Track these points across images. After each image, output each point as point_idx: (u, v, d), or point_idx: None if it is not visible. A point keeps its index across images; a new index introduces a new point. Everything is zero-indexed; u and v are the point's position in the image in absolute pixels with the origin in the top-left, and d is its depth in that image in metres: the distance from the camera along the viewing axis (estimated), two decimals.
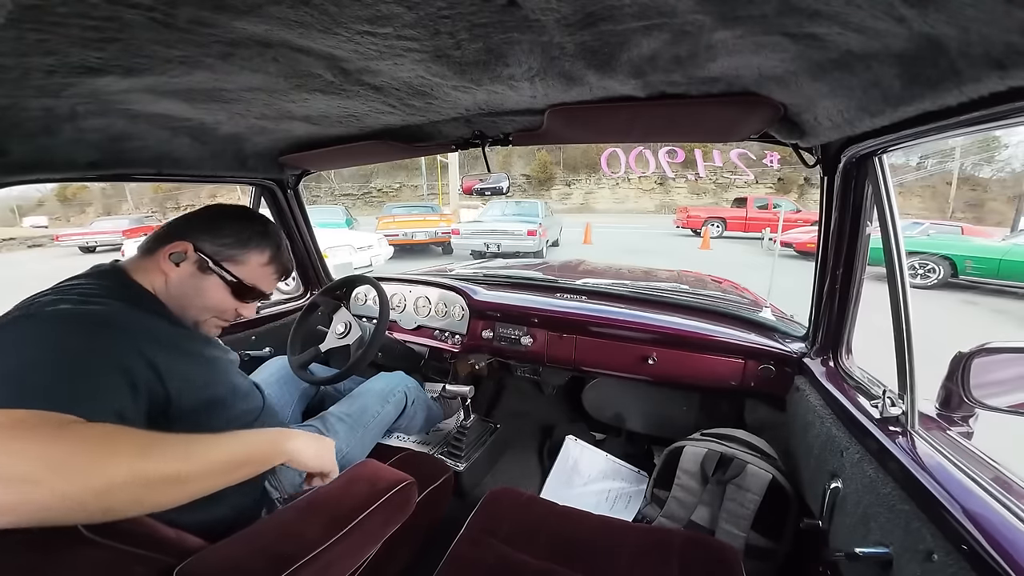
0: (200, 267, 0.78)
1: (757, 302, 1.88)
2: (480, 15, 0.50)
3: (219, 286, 0.80)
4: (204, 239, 0.78)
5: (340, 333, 1.41)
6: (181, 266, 0.76)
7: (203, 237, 0.78)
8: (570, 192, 25.45)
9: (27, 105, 0.72)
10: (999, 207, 20.37)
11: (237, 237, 0.81)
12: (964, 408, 0.80)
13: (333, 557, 0.71)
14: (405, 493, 0.86)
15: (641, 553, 0.93)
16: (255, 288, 0.84)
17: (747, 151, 20.22)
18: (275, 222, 1.70)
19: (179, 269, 0.76)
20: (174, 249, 0.76)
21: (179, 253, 0.76)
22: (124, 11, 0.45)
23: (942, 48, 0.47)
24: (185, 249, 0.76)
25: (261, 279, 0.85)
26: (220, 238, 0.79)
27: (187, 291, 0.77)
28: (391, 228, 9.16)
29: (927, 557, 0.58)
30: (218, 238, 0.79)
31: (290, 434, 0.70)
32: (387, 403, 1.25)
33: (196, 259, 0.77)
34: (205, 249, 0.78)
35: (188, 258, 0.77)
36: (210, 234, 0.79)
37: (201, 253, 0.78)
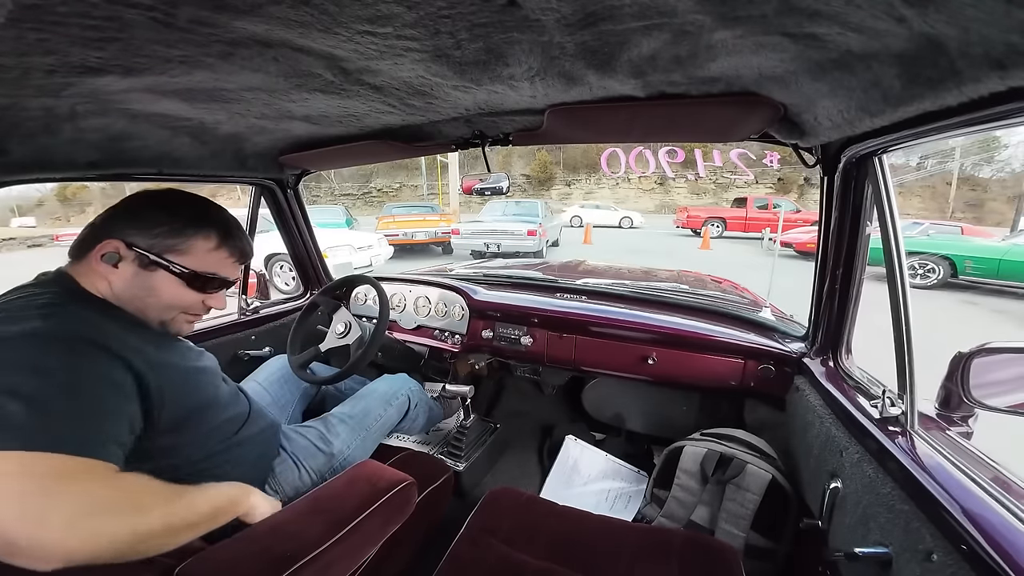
0: (141, 264, 0.71)
1: (757, 302, 1.88)
2: (480, 15, 0.50)
3: (170, 280, 0.73)
4: (133, 233, 0.71)
5: (340, 333, 1.41)
6: (120, 267, 0.70)
7: (132, 231, 0.71)
8: (570, 192, 25.45)
9: (27, 105, 0.72)
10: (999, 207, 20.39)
11: (171, 225, 0.73)
12: (964, 408, 0.80)
13: (333, 557, 0.71)
14: (405, 493, 0.86)
15: (641, 553, 0.93)
16: (214, 276, 0.77)
17: (747, 151, 20.23)
18: (276, 221, 1.72)
19: (119, 271, 0.70)
20: (104, 250, 0.69)
21: (111, 253, 0.69)
22: (124, 11, 0.45)
23: (942, 48, 0.47)
24: (116, 248, 0.70)
25: (216, 265, 0.78)
26: (152, 228, 0.72)
27: (137, 292, 0.71)
28: (391, 228, 9.17)
29: (926, 557, 0.58)
30: (150, 229, 0.71)
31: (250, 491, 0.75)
32: (390, 406, 1.25)
33: (134, 256, 0.70)
34: (139, 244, 0.71)
35: (124, 257, 0.70)
36: (139, 226, 0.71)
37: (136, 249, 0.70)
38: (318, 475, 0.99)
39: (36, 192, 30.69)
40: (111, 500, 0.51)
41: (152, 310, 0.74)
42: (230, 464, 0.82)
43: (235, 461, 0.83)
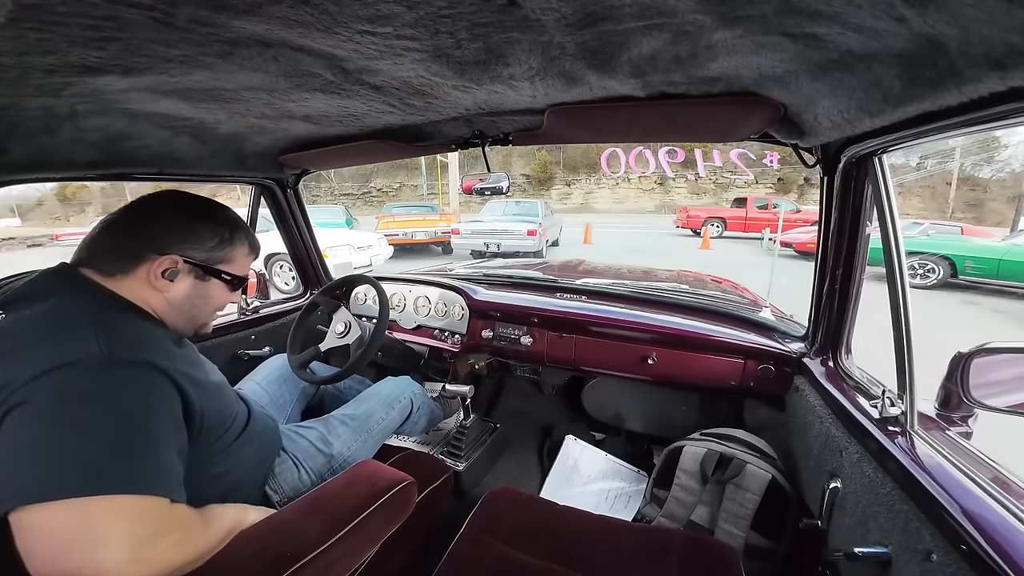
0: (197, 276, 0.76)
1: (757, 302, 1.88)
2: (480, 15, 0.50)
3: (221, 287, 0.80)
4: (190, 248, 0.74)
5: (340, 333, 1.41)
6: (177, 281, 0.73)
7: (188, 246, 0.74)
8: (570, 192, 25.44)
9: (27, 104, 0.72)
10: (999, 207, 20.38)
11: (220, 237, 0.78)
12: (963, 408, 0.80)
13: (333, 557, 0.71)
14: (405, 493, 0.86)
15: (640, 553, 0.93)
16: (247, 277, 0.87)
17: (747, 151, 20.23)
18: (276, 220, 1.72)
19: (176, 284, 0.73)
20: (163, 266, 0.71)
21: (172, 270, 0.72)
22: (124, 10, 0.45)
23: (942, 48, 0.47)
24: (175, 263, 0.72)
25: (247, 267, 0.87)
26: (205, 243, 0.76)
27: (195, 302, 0.77)
28: (391, 228, 9.17)
29: (926, 557, 0.58)
30: (203, 243, 0.76)
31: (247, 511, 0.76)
32: (392, 409, 1.25)
33: (190, 269, 0.74)
34: (196, 258, 0.75)
35: (181, 270, 0.73)
36: (194, 241, 0.75)
37: (192, 263, 0.75)
38: (318, 475, 0.99)
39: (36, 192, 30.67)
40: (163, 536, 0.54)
41: (203, 316, 0.81)
42: (233, 466, 0.82)
43: (237, 463, 0.83)
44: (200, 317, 0.80)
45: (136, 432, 0.56)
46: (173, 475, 0.59)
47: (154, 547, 0.52)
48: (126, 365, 0.59)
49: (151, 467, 0.56)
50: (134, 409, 0.57)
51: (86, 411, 0.53)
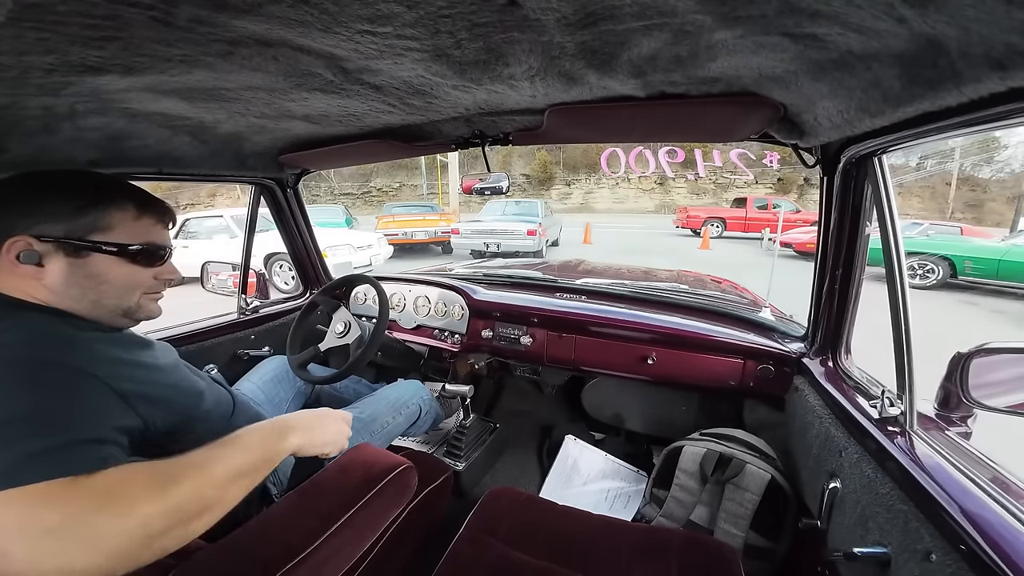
0: (68, 253, 0.63)
1: (756, 302, 1.89)
2: (480, 14, 0.50)
3: (110, 262, 0.67)
4: (40, 223, 0.62)
5: (340, 332, 1.41)
6: (46, 264, 0.62)
7: (36, 221, 0.62)
8: (570, 192, 25.44)
9: (26, 103, 0.71)
10: (998, 208, 20.38)
11: (77, 203, 0.65)
12: (963, 408, 0.80)
13: (335, 546, 0.71)
14: (404, 477, 0.84)
15: (640, 553, 0.93)
16: (152, 245, 0.71)
17: (747, 151, 20.22)
18: (276, 220, 1.72)
19: (47, 269, 0.62)
20: (13, 251, 0.61)
21: (27, 252, 0.61)
22: (124, 10, 0.45)
23: (942, 49, 0.47)
24: (27, 245, 0.61)
25: (147, 235, 0.71)
26: (60, 214, 0.63)
27: (83, 284, 0.65)
28: (391, 227, 9.17)
29: (925, 557, 0.58)
30: (55, 214, 0.63)
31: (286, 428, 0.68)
32: (400, 414, 1.25)
33: (54, 248, 0.62)
34: (51, 233, 0.62)
35: (43, 253, 0.62)
36: (42, 215, 0.63)
37: (51, 240, 0.62)
38: None
39: None
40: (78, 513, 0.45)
41: (109, 299, 0.68)
42: None
43: None
44: (108, 300, 0.67)
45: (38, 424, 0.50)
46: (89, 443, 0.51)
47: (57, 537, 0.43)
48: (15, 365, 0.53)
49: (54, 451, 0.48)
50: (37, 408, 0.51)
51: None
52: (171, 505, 0.49)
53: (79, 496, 0.46)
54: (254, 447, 0.62)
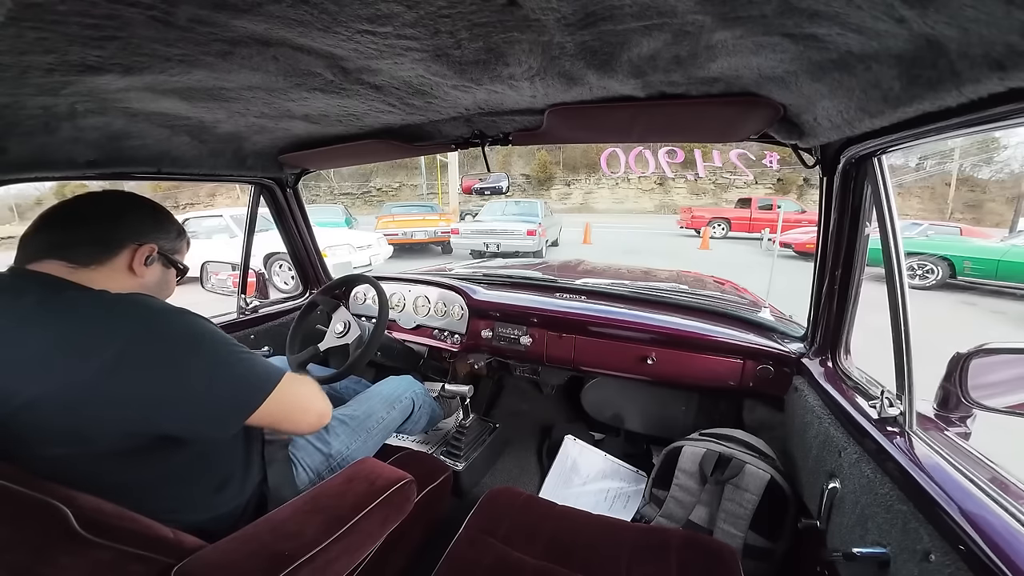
0: (164, 264, 0.83)
1: (756, 302, 1.89)
2: (480, 14, 0.50)
3: (173, 275, 0.87)
4: (161, 238, 0.82)
5: (339, 332, 1.41)
6: (151, 268, 0.80)
7: (160, 236, 0.82)
8: (570, 192, 25.44)
9: (26, 103, 0.71)
10: (998, 208, 20.39)
11: (177, 229, 0.87)
12: (962, 409, 0.80)
13: (332, 556, 0.71)
14: (404, 491, 0.86)
15: (639, 553, 0.93)
16: (186, 267, 0.92)
17: (746, 151, 20.22)
18: (275, 220, 1.72)
19: (150, 270, 0.80)
20: (146, 253, 0.78)
21: (151, 256, 0.79)
22: (124, 9, 0.45)
23: (942, 49, 0.47)
24: (151, 251, 0.80)
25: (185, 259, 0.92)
26: (171, 234, 0.84)
27: (160, 289, 0.83)
28: (390, 227, 9.16)
29: (924, 557, 0.58)
30: (168, 234, 0.84)
31: None
32: (393, 408, 1.25)
33: (159, 258, 0.82)
34: (165, 247, 0.83)
35: (155, 259, 0.81)
36: (163, 232, 0.83)
37: (162, 253, 0.82)
38: (316, 474, 0.99)
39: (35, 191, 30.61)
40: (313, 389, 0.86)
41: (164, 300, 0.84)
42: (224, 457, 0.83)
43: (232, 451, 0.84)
44: None
45: (234, 348, 0.74)
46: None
47: (315, 390, 0.86)
48: (178, 314, 0.71)
49: (268, 362, 0.78)
50: (211, 331, 0.72)
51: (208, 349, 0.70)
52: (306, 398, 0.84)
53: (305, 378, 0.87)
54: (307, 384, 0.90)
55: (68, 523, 0.56)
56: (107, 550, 0.59)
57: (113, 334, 0.63)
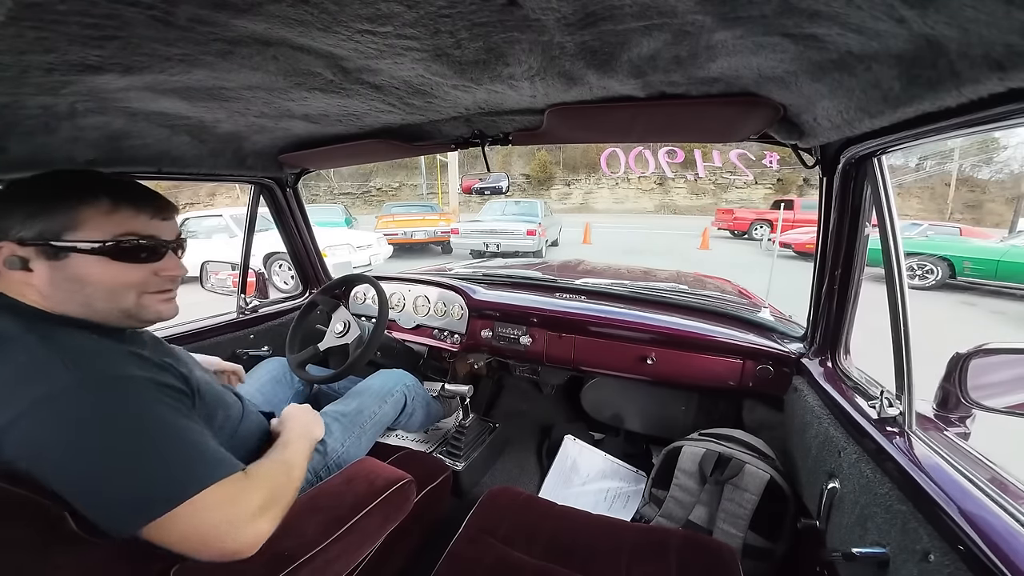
0: (48, 256, 0.61)
1: (756, 302, 1.89)
2: (480, 14, 0.50)
3: (90, 262, 0.63)
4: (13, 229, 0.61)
5: (339, 332, 1.41)
6: (35, 269, 0.61)
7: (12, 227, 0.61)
8: (570, 192, 25.45)
9: (26, 103, 0.71)
10: (997, 208, 20.40)
11: (41, 204, 0.62)
12: (961, 409, 0.80)
13: (332, 556, 0.71)
14: (404, 491, 0.86)
15: (639, 553, 0.93)
16: (135, 239, 0.66)
17: (746, 151, 20.22)
18: (275, 220, 1.72)
19: (34, 273, 0.61)
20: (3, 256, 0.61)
21: (10, 259, 0.61)
22: (124, 9, 0.45)
23: (942, 49, 0.47)
24: (11, 252, 0.61)
25: (128, 226, 0.65)
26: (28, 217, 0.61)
27: (69, 288, 0.63)
28: (390, 227, 9.16)
29: (924, 557, 0.58)
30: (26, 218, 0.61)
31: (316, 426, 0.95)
32: (385, 403, 1.24)
33: (35, 252, 0.61)
34: (26, 236, 0.61)
35: (27, 257, 0.61)
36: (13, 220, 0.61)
37: (27, 244, 0.61)
38: (312, 473, 0.98)
39: None
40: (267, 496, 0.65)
41: (101, 303, 0.65)
42: None
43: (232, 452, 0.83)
44: (98, 302, 0.64)
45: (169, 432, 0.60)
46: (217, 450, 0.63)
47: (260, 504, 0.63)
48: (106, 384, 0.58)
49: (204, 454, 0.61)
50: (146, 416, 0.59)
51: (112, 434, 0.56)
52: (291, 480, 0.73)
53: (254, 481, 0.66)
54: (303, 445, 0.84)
55: (65, 524, 0.56)
56: (104, 550, 0.59)
57: None
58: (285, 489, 0.69)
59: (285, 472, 0.73)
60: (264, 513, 0.63)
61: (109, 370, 0.59)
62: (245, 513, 0.60)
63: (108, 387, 0.58)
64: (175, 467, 0.58)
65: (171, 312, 0.73)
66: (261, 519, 0.62)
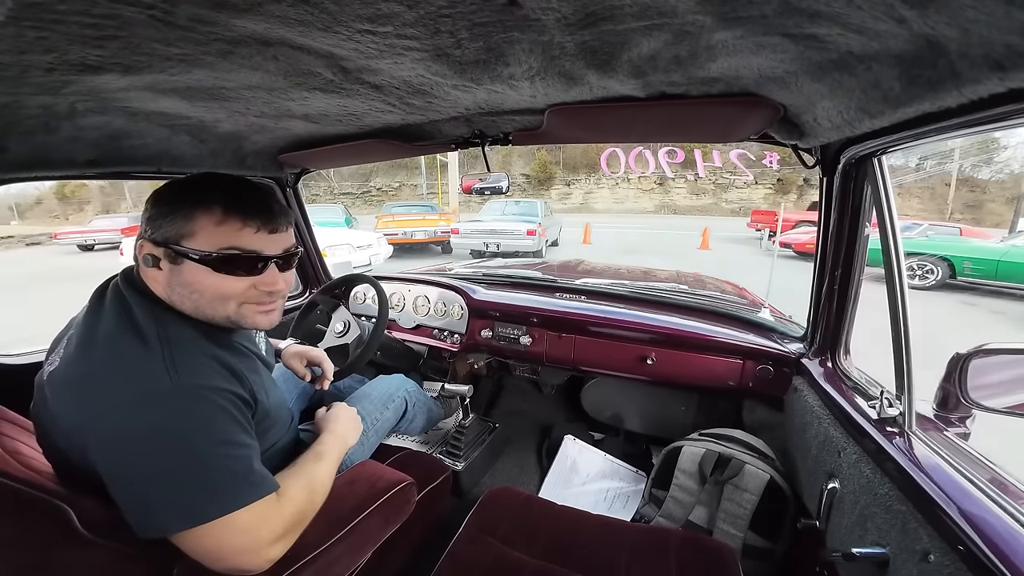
0: (170, 259, 0.66)
1: (756, 303, 1.89)
2: (480, 14, 0.50)
3: (198, 270, 0.66)
4: (152, 229, 0.66)
5: (339, 332, 1.41)
6: (161, 267, 0.66)
7: (149, 227, 0.66)
8: (570, 192, 25.45)
9: (26, 103, 0.71)
10: (997, 208, 20.40)
11: (172, 207, 0.66)
12: (961, 409, 0.80)
13: (334, 557, 0.71)
14: (404, 493, 0.86)
15: (639, 553, 0.93)
16: (237, 253, 0.67)
17: (746, 151, 20.23)
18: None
19: (162, 271, 0.67)
20: (140, 252, 0.67)
21: (146, 256, 0.66)
22: (124, 9, 0.45)
23: (942, 49, 0.47)
24: (149, 250, 0.66)
25: (232, 239, 0.66)
26: (165, 219, 0.65)
27: (180, 290, 0.67)
28: (390, 227, 9.16)
29: (923, 557, 0.58)
30: (164, 220, 0.65)
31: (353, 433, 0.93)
32: (387, 408, 1.25)
33: (163, 253, 0.66)
34: (157, 238, 0.65)
35: (158, 256, 0.66)
36: (155, 220, 0.66)
37: (156, 244, 0.66)
38: None
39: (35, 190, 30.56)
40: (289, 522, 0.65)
41: (205, 308, 0.69)
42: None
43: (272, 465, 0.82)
44: (204, 307, 0.68)
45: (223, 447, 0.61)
46: (263, 471, 0.65)
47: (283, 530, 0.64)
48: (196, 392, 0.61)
49: (251, 474, 0.62)
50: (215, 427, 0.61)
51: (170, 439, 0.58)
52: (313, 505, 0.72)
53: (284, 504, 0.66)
54: (336, 459, 0.82)
55: (71, 523, 0.57)
56: (109, 550, 0.59)
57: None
58: (307, 515, 0.70)
59: (310, 495, 0.72)
60: (282, 539, 0.64)
61: (200, 379, 0.62)
62: (267, 539, 0.61)
63: (194, 396, 0.61)
64: (223, 483, 0.59)
65: (267, 323, 0.76)
66: (278, 544, 0.63)
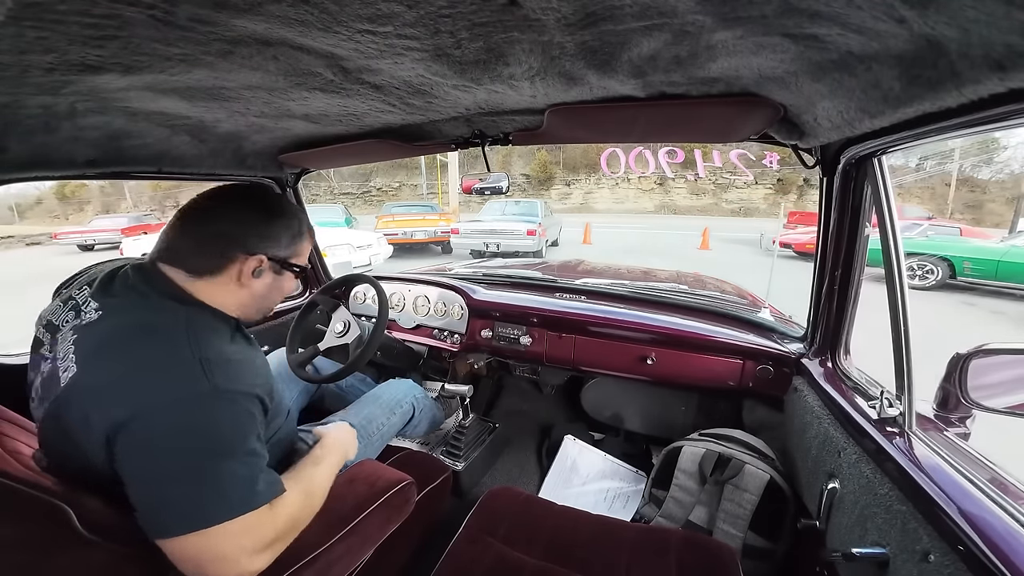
0: (275, 271, 0.80)
1: (756, 303, 1.89)
2: (480, 14, 0.50)
3: (291, 279, 0.84)
4: (270, 247, 0.77)
5: (339, 332, 1.41)
6: (260, 277, 0.77)
7: (270, 245, 0.77)
8: (570, 192, 25.45)
9: (26, 103, 0.71)
10: (998, 208, 20.40)
11: (291, 235, 0.81)
12: (961, 409, 0.80)
13: (334, 556, 0.72)
14: (404, 493, 0.86)
15: (639, 553, 0.93)
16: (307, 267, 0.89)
17: (746, 151, 20.23)
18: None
19: (259, 280, 0.77)
20: (253, 266, 0.75)
21: (259, 269, 0.76)
22: (124, 9, 0.45)
23: (942, 49, 0.47)
24: (260, 263, 0.76)
25: (307, 257, 0.88)
26: (282, 240, 0.79)
27: (271, 295, 0.82)
28: (390, 227, 9.16)
29: (923, 557, 0.58)
30: (281, 241, 0.79)
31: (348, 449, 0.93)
32: (394, 414, 1.25)
33: (271, 266, 0.78)
34: (278, 256, 0.79)
35: (264, 268, 0.77)
36: (274, 240, 0.78)
37: (275, 261, 0.78)
38: None
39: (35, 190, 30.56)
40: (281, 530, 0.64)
41: (271, 305, 0.84)
42: None
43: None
44: (270, 306, 0.84)
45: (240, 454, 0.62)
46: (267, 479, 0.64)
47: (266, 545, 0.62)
48: (230, 397, 0.63)
49: (256, 483, 0.62)
50: (237, 434, 0.63)
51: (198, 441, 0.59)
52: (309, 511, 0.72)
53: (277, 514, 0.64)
54: (334, 468, 0.83)
55: (71, 523, 0.57)
56: (107, 550, 0.59)
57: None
58: (300, 523, 0.69)
59: (306, 502, 0.72)
60: (269, 548, 0.63)
61: (233, 384, 0.64)
62: (253, 547, 0.61)
63: (229, 400, 0.63)
64: (235, 489, 0.60)
65: None
66: (264, 553, 0.62)
